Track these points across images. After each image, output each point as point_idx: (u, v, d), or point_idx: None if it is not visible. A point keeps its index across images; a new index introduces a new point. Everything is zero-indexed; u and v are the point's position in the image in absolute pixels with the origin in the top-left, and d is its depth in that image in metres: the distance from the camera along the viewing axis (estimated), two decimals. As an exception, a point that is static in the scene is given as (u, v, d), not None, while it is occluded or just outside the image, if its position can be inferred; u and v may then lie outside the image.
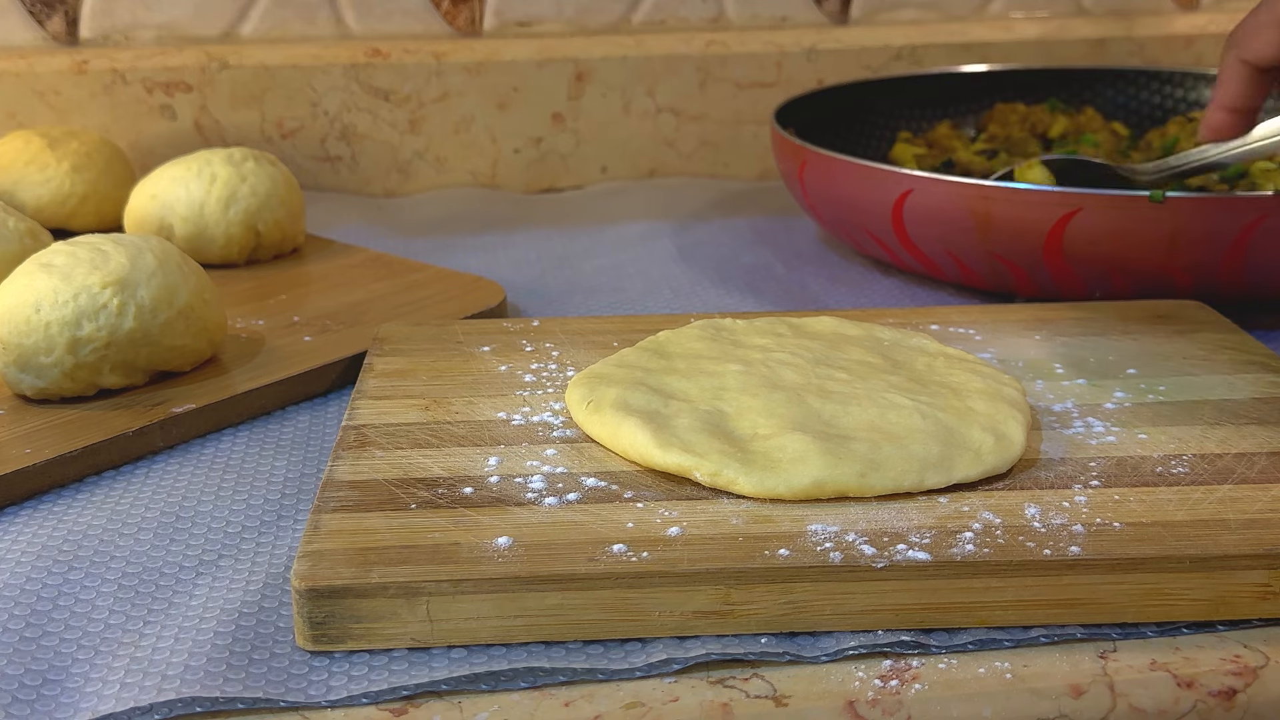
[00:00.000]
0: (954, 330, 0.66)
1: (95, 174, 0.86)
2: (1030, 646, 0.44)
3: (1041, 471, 0.51)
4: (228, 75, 1.01)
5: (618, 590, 0.43)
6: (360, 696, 0.42)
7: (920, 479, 0.49)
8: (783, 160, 0.85)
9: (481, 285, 0.76)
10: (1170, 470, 0.51)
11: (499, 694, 0.42)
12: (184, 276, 0.63)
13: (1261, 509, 0.48)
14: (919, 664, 0.43)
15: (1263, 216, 0.66)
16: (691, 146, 1.09)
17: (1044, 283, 0.73)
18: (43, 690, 0.42)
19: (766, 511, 0.47)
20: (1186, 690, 0.43)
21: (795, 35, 1.09)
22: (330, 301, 0.74)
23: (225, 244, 0.79)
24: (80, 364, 0.59)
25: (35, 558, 0.50)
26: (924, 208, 0.73)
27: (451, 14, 1.07)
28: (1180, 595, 0.45)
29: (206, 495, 0.55)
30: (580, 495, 0.49)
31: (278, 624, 0.45)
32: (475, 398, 0.57)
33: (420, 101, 1.04)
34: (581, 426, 0.54)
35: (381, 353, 0.62)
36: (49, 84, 0.99)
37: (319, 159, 1.04)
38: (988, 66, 1.04)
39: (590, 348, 0.63)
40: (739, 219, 0.97)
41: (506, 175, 1.07)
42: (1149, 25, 1.14)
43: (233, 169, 0.80)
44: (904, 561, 0.44)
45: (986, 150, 0.91)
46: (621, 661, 0.43)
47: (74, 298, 0.59)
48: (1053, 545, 0.45)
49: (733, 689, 0.42)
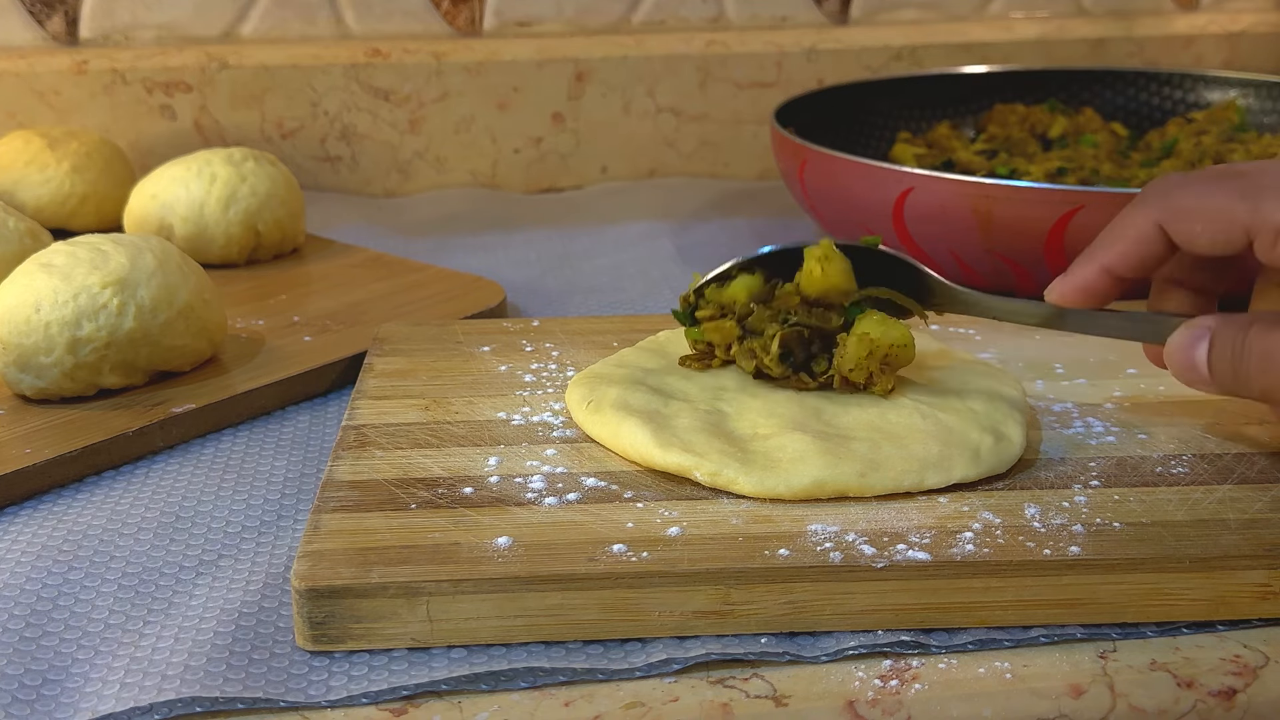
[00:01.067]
0: (954, 330, 0.66)
1: (95, 174, 0.86)
2: (1030, 646, 0.44)
3: (1041, 471, 0.51)
4: (228, 75, 1.01)
5: (618, 590, 0.43)
6: (360, 696, 0.42)
7: (920, 479, 0.49)
8: (783, 160, 0.85)
9: (481, 285, 0.76)
10: (1170, 470, 0.51)
11: (499, 694, 0.42)
12: (184, 276, 0.63)
13: (1261, 509, 0.48)
14: (919, 664, 0.43)
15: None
16: (691, 146, 1.09)
17: (1045, 281, 0.72)
18: (43, 690, 0.42)
19: (766, 511, 0.47)
20: (1186, 690, 0.43)
21: (795, 35, 1.09)
22: (330, 301, 0.74)
23: (225, 244, 0.79)
24: (80, 364, 0.59)
25: (35, 558, 0.50)
26: (925, 206, 0.73)
27: (451, 14, 1.07)
28: (1180, 595, 0.45)
29: (206, 495, 0.55)
30: (580, 495, 0.49)
31: (278, 624, 0.45)
32: (475, 398, 0.57)
33: (420, 101, 1.04)
34: (581, 426, 0.54)
35: (381, 353, 0.62)
36: (49, 84, 0.99)
37: (319, 159, 1.04)
38: (987, 67, 1.04)
39: (590, 348, 0.63)
40: (739, 219, 0.97)
41: (506, 175, 1.07)
42: (1149, 25, 1.14)
43: (233, 169, 0.80)
44: (904, 561, 0.44)
45: (986, 150, 0.91)
46: (621, 661, 0.43)
47: (74, 298, 0.59)
48: (1053, 545, 0.45)
49: (733, 689, 0.42)
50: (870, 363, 0.53)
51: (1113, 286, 0.52)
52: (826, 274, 0.54)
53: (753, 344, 0.55)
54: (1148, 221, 0.51)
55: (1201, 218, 0.49)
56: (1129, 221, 0.51)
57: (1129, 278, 0.52)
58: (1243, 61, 1.14)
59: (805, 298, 0.55)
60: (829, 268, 0.54)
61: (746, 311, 0.56)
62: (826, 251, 0.54)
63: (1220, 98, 0.99)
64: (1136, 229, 0.51)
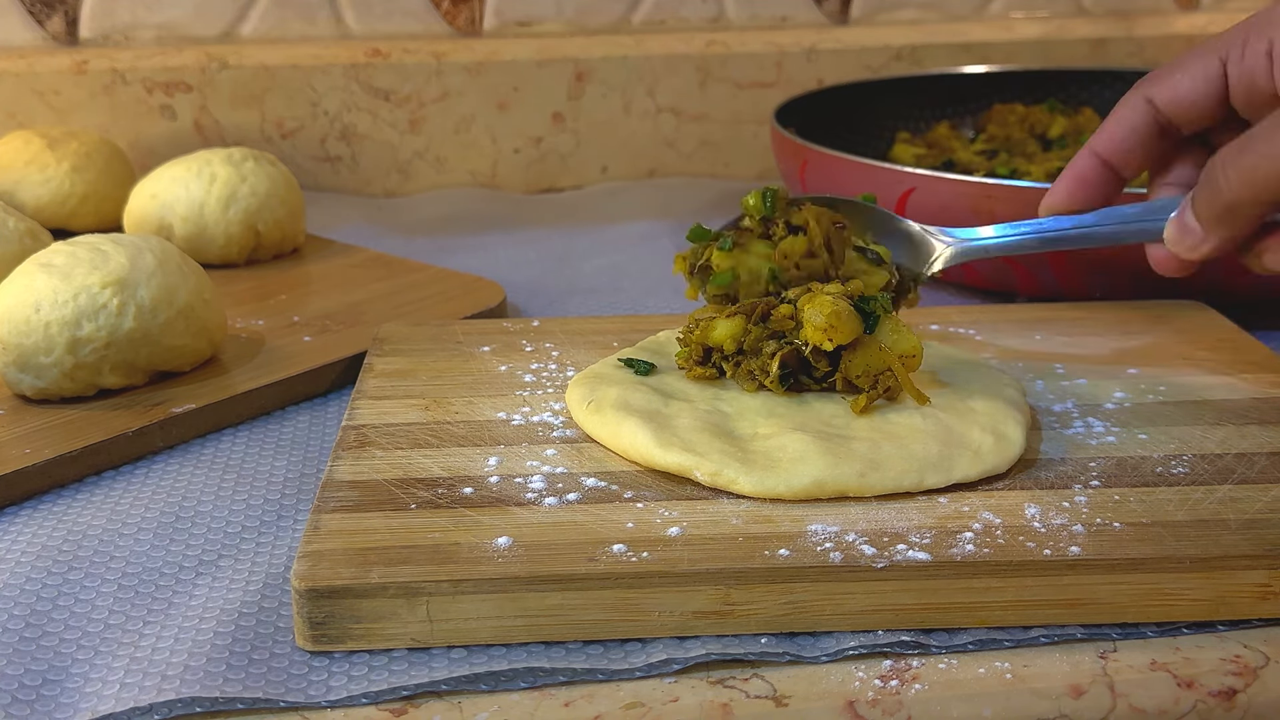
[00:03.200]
0: (954, 330, 0.66)
1: (95, 174, 0.86)
2: (1030, 646, 0.44)
3: (1041, 471, 0.51)
4: (228, 75, 1.01)
5: (618, 590, 0.43)
6: (360, 696, 0.42)
7: (920, 479, 0.49)
8: (784, 160, 0.85)
9: (481, 285, 0.76)
10: (1170, 470, 0.51)
11: (499, 694, 0.42)
12: (184, 276, 0.63)
13: (1261, 509, 0.48)
14: (919, 664, 0.43)
15: (1263, 216, 0.66)
16: (691, 146, 1.09)
17: (1047, 282, 0.73)
18: (43, 690, 0.42)
19: (766, 511, 0.47)
20: (1186, 690, 0.43)
21: (795, 35, 1.09)
22: (330, 301, 0.74)
23: (225, 244, 0.79)
24: (80, 364, 0.59)
25: (35, 558, 0.50)
26: (927, 206, 0.73)
27: (451, 14, 1.07)
28: (1180, 595, 0.45)
29: (206, 495, 0.55)
30: (580, 495, 0.49)
31: (278, 624, 0.45)
32: (475, 398, 0.57)
33: (420, 101, 1.04)
34: (582, 426, 0.54)
35: (381, 353, 0.62)
36: (49, 84, 0.99)
37: (319, 159, 1.04)
38: (987, 67, 1.04)
39: (590, 348, 0.63)
40: (739, 219, 0.97)
41: (506, 175, 1.07)
42: (1149, 25, 1.14)
43: (233, 169, 0.80)
44: (904, 561, 0.44)
45: (986, 150, 0.91)
46: (621, 661, 0.43)
47: (74, 298, 0.59)
48: (1053, 545, 0.45)
49: (733, 689, 0.42)
50: (878, 374, 0.53)
51: (1106, 178, 0.55)
52: (835, 340, 0.52)
53: (751, 365, 0.55)
54: (1135, 96, 0.55)
55: (1180, 67, 0.54)
56: (1118, 106, 0.55)
57: (1121, 169, 0.55)
58: (1243, 61, 1.14)
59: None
60: (837, 335, 0.52)
61: (735, 350, 0.55)
62: (832, 321, 0.52)
63: (1220, 98, 0.99)
64: (1125, 107, 0.55)
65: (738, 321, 0.55)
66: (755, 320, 0.55)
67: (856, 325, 0.53)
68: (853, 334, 0.52)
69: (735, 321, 0.55)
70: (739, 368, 0.55)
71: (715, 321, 0.55)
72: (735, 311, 0.55)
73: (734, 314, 0.55)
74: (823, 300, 0.53)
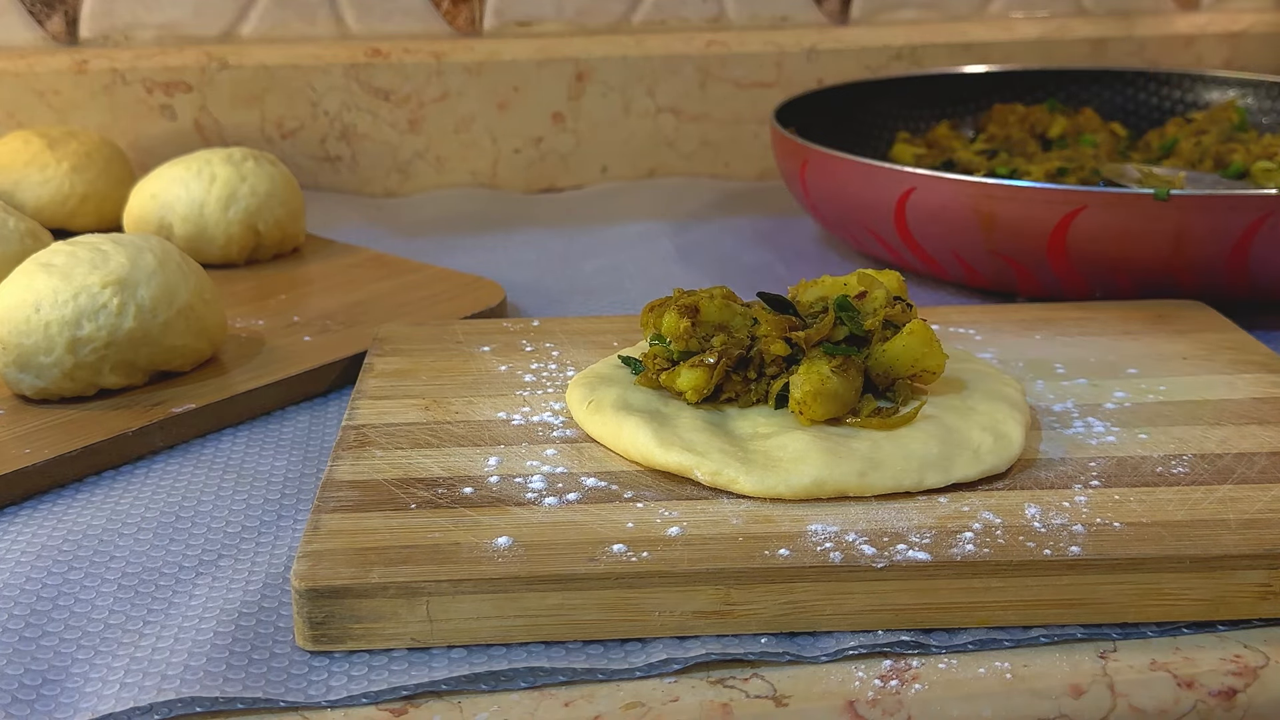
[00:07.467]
0: (954, 330, 0.66)
1: (95, 174, 0.86)
2: (1030, 646, 0.44)
3: (1041, 471, 0.51)
4: (228, 75, 1.01)
5: (618, 590, 0.43)
6: (360, 696, 0.42)
7: (920, 478, 0.49)
8: (784, 160, 0.85)
9: (481, 285, 0.76)
10: (1170, 470, 0.51)
11: (499, 694, 0.42)
12: (184, 276, 0.63)
13: (1261, 509, 0.48)
14: (919, 664, 0.43)
15: (1266, 215, 0.66)
16: (691, 146, 1.09)
17: (1047, 281, 0.73)
18: (43, 690, 0.42)
19: (766, 511, 0.47)
20: (1186, 690, 0.43)
21: (795, 35, 1.09)
22: (330, 301, 0.74)
23: (225, 244, 0.79)
24: (80, 364, 0.59)
25: (35, 558, 0.50)
26: (927, 206, 0.73)
27: (451, 14, 1.07)
28: (1180, 595, 0.45)
29: (206, 495, 0.55)
30: (580, 495, 0.49)
31: (278, 624, 0.45)
32: (475, 398, 0.57)
33: (420, 101, 1.04)
34: (582, 426, 0.54)
35: (381, 353, 0.62)
36: (49, 84, 0.99)
37: (319, 159, 1.04)
38: (987, 67, 1.04)
39: (590, 348, 0.63)
40: (739, 219, 0.97)
41: (506, 175, 1.07)
42: (1149, 25, 1.14)
43: (233, 169, 0.80)
44: (904, 561, 0.44)
45: (986, 150, 0.91)
46: (621, 661, 0.43)
47: (74, 298, 0.59)
48: (1053, 545, 0.45)
49: (733, 689, 0.42)
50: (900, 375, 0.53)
51: None
52: (810, 417, 0.51)
53: (748, 378, 0.54)
54: None
55: None
56: None
57: None
58: (1243, 61, 1.14)
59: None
60: (809, 412, 0.51)
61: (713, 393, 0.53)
62: (806, 399, 0.51)
63: (1220, 98, 0.99)
64: None
65: (702, 372, 0.52)
66: (731, 369, 0.53)
67: (837, 407, 0.51)
68: (831, 414, 0.51)
69: (700, 372, 0.52)
70: (730, 379, 0.53)
71: (679, 369, 0.53)
72: (699, 364, 0.53)
73: (697, 365, 0.53)
74: (811, 375, 0.51)
